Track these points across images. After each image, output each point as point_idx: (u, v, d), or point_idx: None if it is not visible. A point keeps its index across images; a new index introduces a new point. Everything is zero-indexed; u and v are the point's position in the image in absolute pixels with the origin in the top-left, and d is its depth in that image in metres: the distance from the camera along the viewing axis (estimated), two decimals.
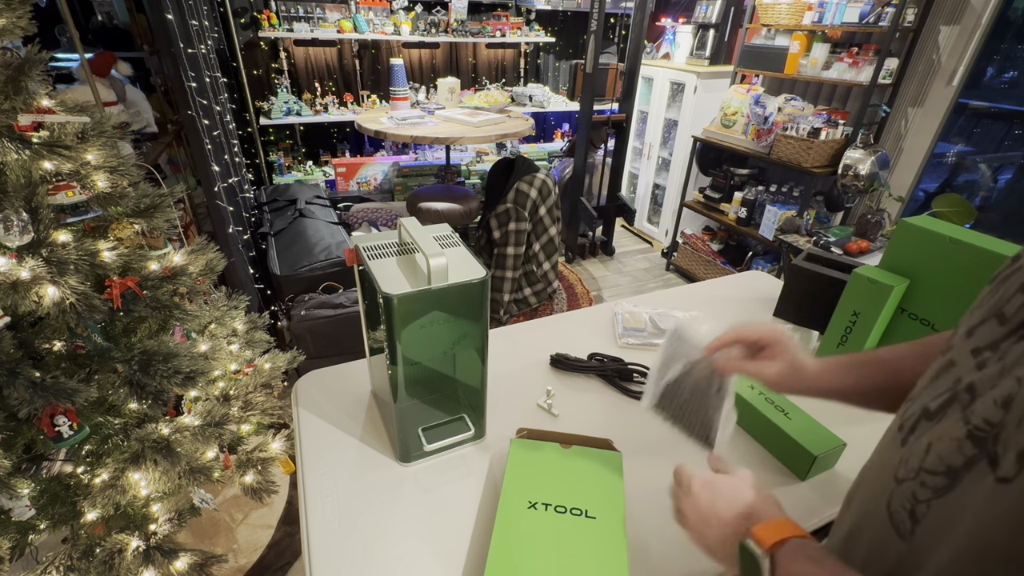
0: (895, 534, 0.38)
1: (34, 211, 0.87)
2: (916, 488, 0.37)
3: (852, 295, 0.91)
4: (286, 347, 1.68)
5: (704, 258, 3.28)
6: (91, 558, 1.02)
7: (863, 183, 2.42)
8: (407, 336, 0.66)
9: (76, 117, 0.95)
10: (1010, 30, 2.22)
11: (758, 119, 2.79)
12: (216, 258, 1.22)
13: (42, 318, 0.92)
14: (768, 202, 2.85)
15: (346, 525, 0.68)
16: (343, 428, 0.84)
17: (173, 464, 1.01)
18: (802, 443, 0.76)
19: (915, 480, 0.37)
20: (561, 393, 0.93)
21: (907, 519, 0.37)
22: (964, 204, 2.01)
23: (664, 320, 1.09)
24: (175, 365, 0.99)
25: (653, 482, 0.75)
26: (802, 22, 2.65)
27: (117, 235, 1.02)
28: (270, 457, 1.37)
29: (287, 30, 3.13)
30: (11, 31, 0.84)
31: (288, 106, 3.27)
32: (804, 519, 0.71)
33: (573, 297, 3.05)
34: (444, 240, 0.75)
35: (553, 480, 0.70)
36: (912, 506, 0.37)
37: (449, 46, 3.78)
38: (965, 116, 2.41)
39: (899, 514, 0.38)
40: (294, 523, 1.65)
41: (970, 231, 0.83)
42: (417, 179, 3.69)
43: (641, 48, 3.26)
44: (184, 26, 1.92)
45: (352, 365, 0.98)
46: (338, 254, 2.36)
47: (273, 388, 1.49)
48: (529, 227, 2.40)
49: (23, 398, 0.83)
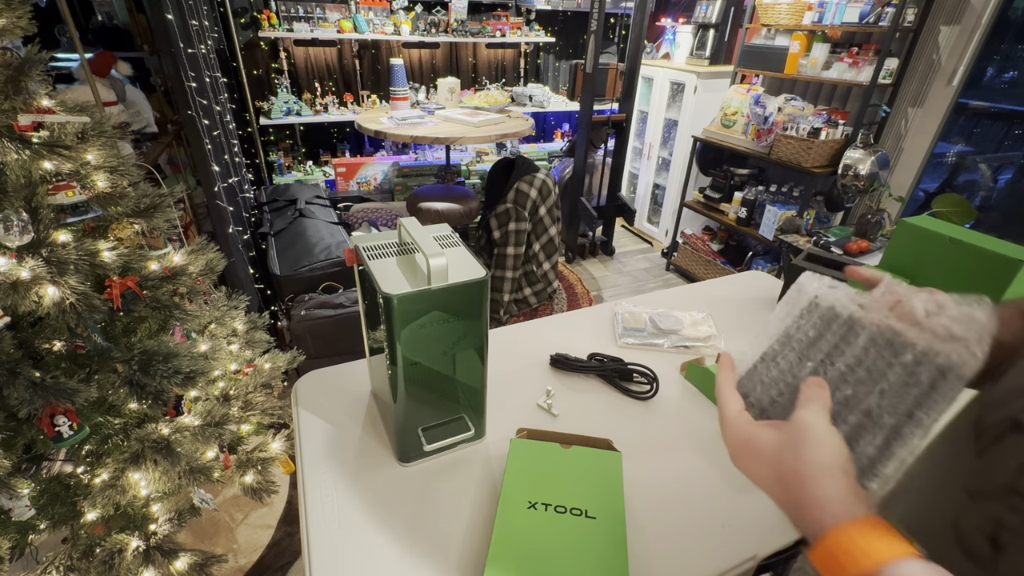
0: (963, 556, 0.33)
1: (34, 211, 0.87)
2: (1001, 512, 0.31)
3: None
4: (286, 347, 1.68)
5: (704, 258, 3.28)
6: (91, 558, 1.02)
7: (863, 183, 2.42)
8: (407, 336, 0.66)
9: (76, 117, 0.95)
10: (1010, 30, 2.22)
11: (758, 119, 2.79)
12: (216, 258, 1.22)
13: (42, 318, 0.92)
14: (768, 202, 2.85)
15: (346, 525, 0.68)
16: (343, 428, 0.84)
17: (173, 464, 1.01)
18: None
19: (1000, 502, 0.32)
20: (561, 393, 0.93)
21: (985, 544, 0.32)
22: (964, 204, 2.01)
23: (664, 320, 1.09)
24: (175, 365, 0.99)
25: (653, 482, 0.75)
26: (802, 22, 2.65)
27: (117, 235, 1.02)
28: (270, 457, 1.37)
29: (287, 30, 3.13)
30: (11, 31, 0.84)
31: (288, 106, 3.27)
32: None
33: (573, 297, 3.04)
34: (444, 240, 0.74)
35: (553, 480, 0.70)
36: (994, 531, 0.31)
37: (449, 46, 3.78)
38: (965, 116, 2.41)
39: (973, 537, 0.33)
40: (294, 523, 1.65)
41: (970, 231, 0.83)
42: (417, 179, 3.69)
43: (641, 48, 3.26)
44: (184, 26, 1.92)
45: (352, 365, 0.98)
46: (338, 254, 2.36)
47: (273, 388, 1.49)
48: (529, 227, 2.40)
49: (23, 398, 0.83)
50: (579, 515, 0.65)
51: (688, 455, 0.80)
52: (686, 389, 0.94)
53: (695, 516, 0.71)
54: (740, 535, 0.68)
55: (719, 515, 0.71)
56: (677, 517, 0.70)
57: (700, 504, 0.72)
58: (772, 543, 0.67)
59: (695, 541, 0.67)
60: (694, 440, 0.83)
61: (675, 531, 0.68)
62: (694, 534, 0.68)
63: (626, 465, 0.73)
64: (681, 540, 0.67)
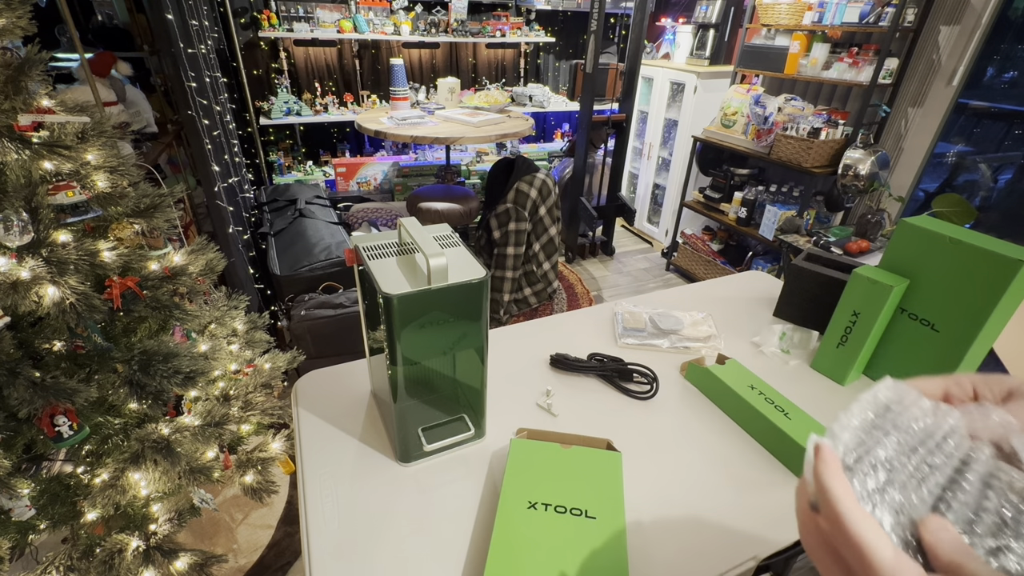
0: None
1: (34, 211, 0.87)
2: None
3: (852, 295, 0.91)
4: (286, 347, 1.68)
5: (704, 258, 3.28)
6: (91, 558, 1.02)
7: (863, 183, 2.42)
8: (407, 336, 0.66)
9: (76, 117, 0.95)
10: (1010, 30, 2.22)
11: (758, 119, 2.79)
12: (216, 258, 1.22)
13: (42, 318, 0.92)
14: (768, 202, 2.85)
15: (346, 525, 0.68)
16: (343, 428, 0.84)
17: (173, 464, 1.01)
18: (802, 443, 0.76)
19: None
20: (561, 393, 0.93)
21: None
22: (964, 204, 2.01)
23: (664, 320, 1.09)
24: (175, 365, 0.99)
25: (653, 482, 0.75)
26: (802, 22, 2.65)
27: (117, 235, 1.02)
28: (270, 457, 1.37)
29: (287, 30, 3.13)
30: (11, 31, 0.84)
31: (288, 106, 3.27)
32: None
33: (573, 297, 3.04)
34: (444, 240, 0.74)
35: (553, 480, 0.70)
36: None
37: (449, 46, 3.78)
38: (965, 116, 2.41)
39: None
40: (294, 523, 1.65)
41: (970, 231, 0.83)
42: (417, 179, 3.69)
43: (641, 48, 3.26)
44: (184, 26, 1.92)
45: (352, 365, 0.98)
46: (338, 254, 2.36)
47: (273, 388, 1.49)
48: (529, 227, 2.40)
49: (23, 398, 0.83)
50: (579, 515, 0.65)
51: (688, 455, 0.80)
52: (686, 389, 0.94)
53: (695, 516, 0.71)
54: (740, 535, 0.68)
55: (719, 515, 0.71)
56: (677, 517, 0.70)
57: (700, 504, 0.72)
58: (772, 543, 0.67)
59: (695, 541, 0.67)
60: (694, 440, 0.83)
61: (675, 531, 0.68)
62: (694, 534, 0.68)
63: (626, 465, 0.73)
64: (681, 540, 0.67)
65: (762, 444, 0.83)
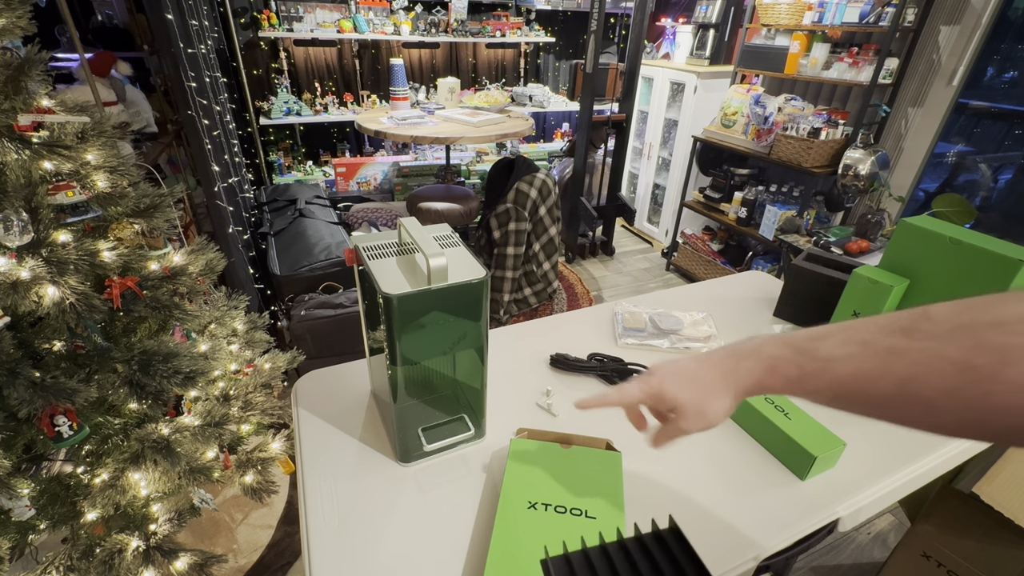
0: None
1: (34, 211, 0.87)
2: None
3: (852, 295, 0.91)
4: (286, 347, 1.68)
5: (704, 258, 3.28)
6: (91, 558, 1.02)
7: (863, 183, 2.42)
8: (407, 336, 0.66)
9: (76, 117, 0.95)
10: (1010, 30, 2.22)
11: (758, 119, 2.79)
12: (216, 258, 1.22)
13: (42, 318, 0.92)
14: (768, 202, 2.85)
15: (346, 525, 0.68)
16: (343, 428, 0.84)
17: (173, 464, 1.01)
18: (802, 443, 0.76)
19: None
20: (561, 393, 0.93)
21: None
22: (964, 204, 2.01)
23: (664, 320, 1.09)
24: (175, 365, 0.98)
25: (653, 482, 0.75)
26: (802, 22, 2.65)
27: (117, 235, 1.02)
28: (270, 457, 1.37)
29: (287, 30, 3.13)
30: (11, 31, 0.84)
31: (288, 106, 3.27)
32: (804, 519, 0.71)
33: (573, 297, 3.04)
34: (444, 240, 0.75)
35: (553, 480, 0.70)
36: None
37: (449, 46, 3.78)
38: (965, 116, 2.41)
39: None
40: (294, 523, 1.65)
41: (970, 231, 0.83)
42: (417, 179, 3.69)
43: (641, 48, 3.26)
44: (184, 26, 1.92)
45: (352, 365, 0.98)
46: (338, 254, 2.36)
47: (273, 388, 1.49)
48: (529, 227, 2.40)
49: (23, 398, 0.83)
50: (579, 515, 0.65)
51: (688, 455, 0.80)
52: None
53: (695, 516, 0.71)
54: (740, 535, 0.68)
55: (719, 515, 0.71)
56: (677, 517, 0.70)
57: (700, 504, 0.72)
58: (772, 543, 0.67)
59: (695, 541, 0.67)
60: (694, 440, 0.83)
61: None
62: (694, 534, 0.68)
63: (626, 465, 0.73)
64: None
65: (762, 444, 0.83)
